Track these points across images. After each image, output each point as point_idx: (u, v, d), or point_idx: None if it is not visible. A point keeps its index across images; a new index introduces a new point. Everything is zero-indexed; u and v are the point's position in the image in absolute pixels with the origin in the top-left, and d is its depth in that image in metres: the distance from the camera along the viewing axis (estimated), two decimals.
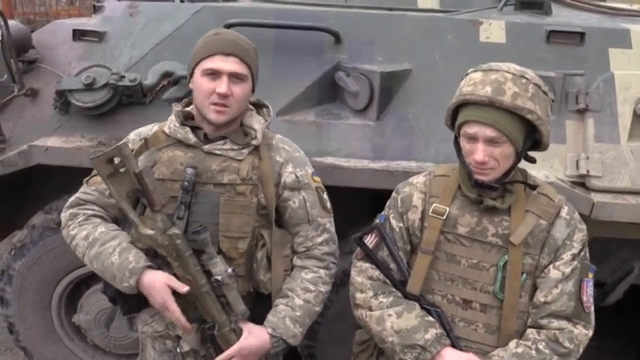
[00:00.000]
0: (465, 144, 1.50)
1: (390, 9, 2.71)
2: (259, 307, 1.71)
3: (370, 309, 1.60)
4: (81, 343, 2.81)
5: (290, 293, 1.70)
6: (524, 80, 1.43)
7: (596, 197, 2.22)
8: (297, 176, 1.71)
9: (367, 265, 1.64)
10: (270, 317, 1.68)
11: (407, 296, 1.59)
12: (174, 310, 1.58)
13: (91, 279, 2.68)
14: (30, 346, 2.81)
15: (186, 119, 1.71)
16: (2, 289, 2.68)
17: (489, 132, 1.43)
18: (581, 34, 2.44)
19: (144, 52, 2.52)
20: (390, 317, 1.55)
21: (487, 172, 1.48)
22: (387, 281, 1.62)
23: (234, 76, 1.60)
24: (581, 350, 1.50)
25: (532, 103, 1.42)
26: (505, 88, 1.41)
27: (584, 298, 1.51)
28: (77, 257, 2.49)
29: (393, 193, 1.70)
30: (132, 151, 1.62)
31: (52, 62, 2.63)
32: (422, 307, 1.57)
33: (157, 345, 1.78)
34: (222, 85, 1.57)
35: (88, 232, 1.66)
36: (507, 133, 1.43)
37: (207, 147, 1.65)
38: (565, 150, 2.33)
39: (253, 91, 1.71)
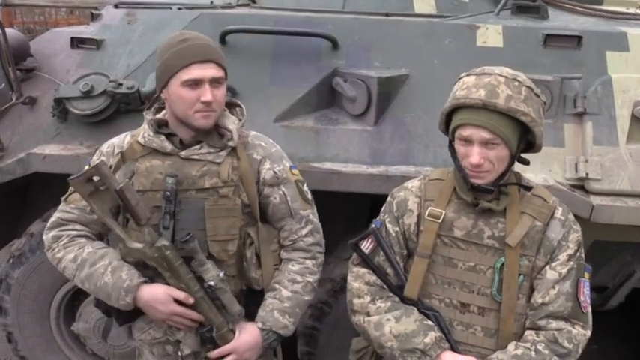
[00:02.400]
0: (459, 147, 1.51)
1: (387, 14, 2.71)
2: (252, 302, 1.73)
3: (368, 314, 1.59)
4: (80, 351, 2.80)
5: (277, 286, 1.72)
6: (516, 83, 1.44)
7: (596, 200, 2.21)
8: (275, 172, 1.72)
9: (364, 270, 1.64)
10: (259, 312, 1.71)
11: (404, 301, 1.59)
12: (184, 312, 1.61)
13: None
14: (29, 355, 2.79)
15: (160, 127, 1.69)
16: (1, 297, 2.67)
17: (484, 134, 1.43)
18: (578, 38, 2.44)
19: (142, 60, 2.52)
20: (388, 322, 1.54)
21: (482, 175, 1.48)
22: (385, 286, 1.62)
23: (215, 81, 1.60)
24: (579, 351, 1.50)
25: (525, 105, 1.43)
26: (498, 91, 1.42)
27: (582, 298, 1.51)
28: None
29: (389, 198, 1.71)
30: (110, 167, 1.62)
31: (50, 70, 2.64)
32: (420, 312, 1.57)
33: (155, 350, 1.79)
34: (206, 94, 1.57)
35: (76, 254, 1.66)
36: (502, 135, 1.43)
37: (184, 153, 1.64)
38: (564, 153, 2.33)
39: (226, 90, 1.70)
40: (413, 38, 2.51)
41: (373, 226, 1.67)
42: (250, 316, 1.72)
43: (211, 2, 2.99)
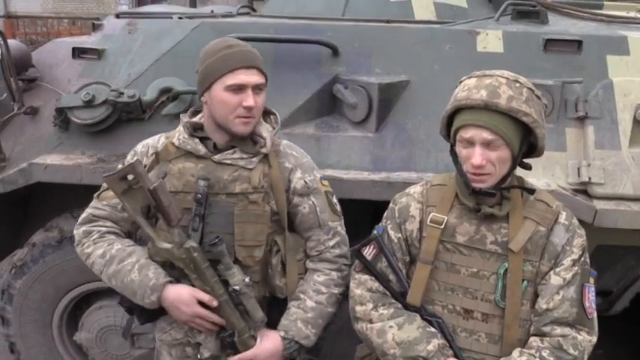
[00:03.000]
0: (461, 150, 1.50)
1: (387, 21, 2.72)
2: (275, 310, 1.74)
3: (370, 321, 1.58)
4: None
5: (302, 296, 1.72)
6: (517, 84, 1.44)
7: (599, 204, 2.20)
8: (306, 182, 1.73)
9: (366, 277, 1.63)
10: (282, 320, 1.71)
11: (407, 307, 1.58)
12: (207, 314, 1.62)
13: (91, 297, 2.67)
14: None
15: (195, 130, 1.72)
16: (3, 308, 2.67)
17: (486, 135, 1.43)
18: (579, 42, 2.44)
19: (143, 69, 2.53)
20: (391, 329, 1.53)
21: (484, 178, 1.47)
22: (387, 293, 1.61)
23: (257, 87, 1.62)
24: (585, 357, 1.48)
25: (527, 106, 1.43)
26: (500, 92, 1.42)
27: (587, 304, 1.49)
28: (77, 275, 2.53)
29: (391, 204, 1.70)
30: (144, 167, 1.64)
31: (51, 80, 2.64)
32: (423, 318, 1.55)
33: (173, 352, 1.79)
34: (249, 99, 1.59)
35: (105, 250, 1.68)
36: (504, 136, 1.43)
37: (217, 157, 1.66)
38: (566, 157, 2.32)
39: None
40: (413, 44, 2.51)
41: (375, 232, 1.66)
42: (272, 324, 1.72)
43: (212, 11, 3.00)
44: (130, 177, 1.57)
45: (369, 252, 1.63)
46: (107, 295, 2.59)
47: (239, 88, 1.59)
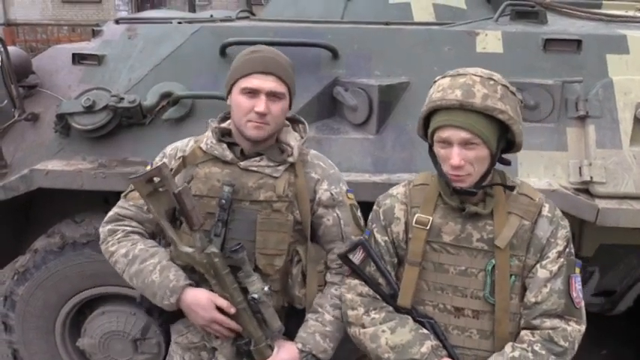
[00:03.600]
0: (439, 150, 1.50)
1: (387, 23, 2.72)
2: (293, 321, 1.73)
3: (363, 326, 1.58)
4: None
5: (320, 309, 1.71)
6: (492, 82, 1.45)
7: (601, 203, 2.20)
8: (332, 194, 1.73)
9: (356, 281, 1.63)
10: (300, 332, 1.70)
11: (398, 310, 1.58)
12: (224, 320, 1.61)
13: (94, 302, 2.66)
14: None
15: (223, 135, 1.72)
16: (5, 315, 2.66)
17: (463, 134, 1.43)
18: (578, 42, 2.44)
19: (143, 74, 2.53)
20: (384, 333, 1.54)
21: (463, 178, 1.48)
22: (377, 296, 1.61)
23: (273, 95, 1.61)
24: (576, 347, 1.50)
25: (502, 104, 1.44)
26: (475, 91, 1.42)
27: (574, 294, 1.51)
28: (80, 281, 2.52)
29: (375, 207, 1.70)
30: (170, 170, 1.65)
31: (52, 87, 2.65)
32: (414, 320, 1.56)
33: (187, 356, 1.79)
34: (260, 105, 1.59)
35: (128, 250, 1.69)
36: (480, 135, 1.43)
37: (243, 163, 1.67)
38: (567, 157, 2.32)
39: (290, 107, 1.73)
40: (412, 46, 2.51)
41: (361, 236, 1.66)
42: (289, 334, 1.71)
43: (211, 15, 3.01)
44: (156, 180, 1.59)
45: (356, 257, 1.62)
46: (110, 300, 2.59)
47: (252, 92, 1.60)
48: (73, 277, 2.54)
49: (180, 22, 2.74)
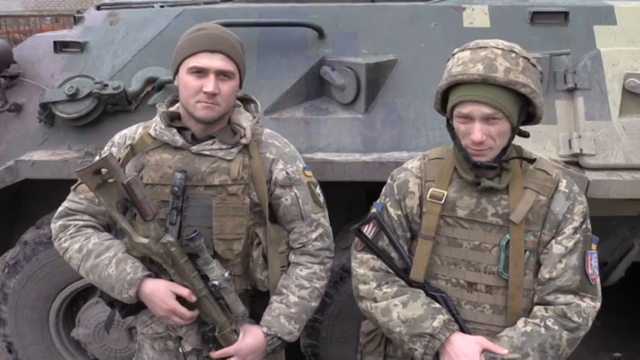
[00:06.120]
0: (459, 126, 1.47)
1: (372, 0, 2.69)
2: (258, 304, 1.71)
3: (375, 300, 1.57)
4: (81, 357, 2.78)
5: (284, 291, 1.69)
6: (513, 55, 1.41)
7: (591, 175, 2.20)
8: (288, 173, 1.69)
9: (368, 256, 1.61)
10: (265, 316, 1.68)
11: (411, 284, 1.57)
12: (184, 313, 1.58)
13: (87, 292, 2.65)
14: None
15: (172, 120, 1.66)
16: None
17: (485, 110, 1.40)
18: (565, 14, 2.43)
19: (126, 60, 2.49)
20: (395, 307, 1.53)
21: (485, 152, 1.45)
22: (390, 271, 1.60)
23: (222, 74, 1.55)
24: (589, 323, 1.48)
25: (524, 77, 1.40)
26: (497, 64, 1.39)
27: (590, 271, 1.49)
28: (72, 271, 2.49)
29: (389, 180, 1.67)
30: (119, 160, 1.60)
31: (34, 76, 2.60)
32: (427, 294, 1.55)
33: (156, 345, 1.77)
34: (209, 84, 1.53)
35: (82, 245, 1.64)
36: (503, 110, 1.40)
37: (195, 148, 1.61)
38: (557, 130, 2.31)
39: (241, 86, 1.67)
40: (399, 23, 2.48)
41: (374, 210, 1.64)
42: (255, 317, 1.70)
43: None
44: (104, 171, 1.52)
45: (369, 230, 1.60)
46: None
47: (200, 72, 1.54)
48: (65, 268, 2.49)
49: (162, 6, 2.69)
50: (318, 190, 1.76)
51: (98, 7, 2.80)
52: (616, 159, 2.24)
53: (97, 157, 1.61)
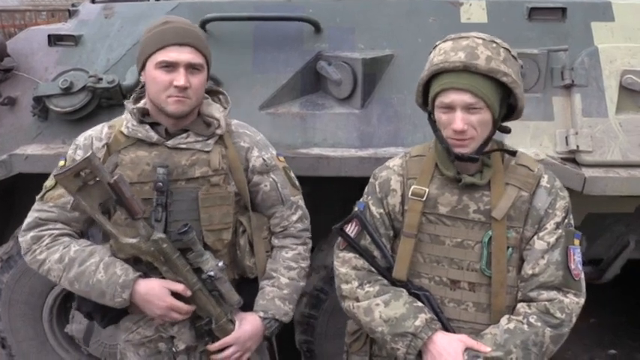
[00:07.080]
0: (440, 116, 1.46)
1: None
2: (245, 291, 1.70)
3: (357, 300, 1.56)
4: (75, 352, 2.76)
5: (274, 274, 1.72)
6: (494, 44, 1.42)
7: (588, 172, 2.20)
8: (264, 160, 1.72)
9: (351, 254, 1.61)
10: (259, 301, 1.70)
11: (394, 283, 1.56)
12: (181, 307, 1.57)
13: None
14: None
15: (143, 116, 1.64)
16: None
17: (467, 98, 1.40)
18: (563, 10, 2.42)
19: (121, 54, 2.47)
20: (377, 307, 1.51)
21: (466, 142, 1.44)
22: (372, 269, 1.59)
23: (191, 67, 1.54)
24: (573, 319, 1.47)
25: (505, 66, 1.41)
26: (478, 52, 1.39)
27: (572, 266, 1.48)
28: None
29: (371, 179, 1.67)
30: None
31: (28, 69, 2.58)
32: (410, 293, 1.54)
33: (141, 351, 1.73)
34: (180, 78, 1.51)
35: (62, 254, 1.58)
36: (485, 98, 1.40)
37: (170, 142, 1.60)
38: (554, 127, 2.31)
39: (207, 79, 1.65)
40: (396, 18, 2.47)
41: (356, 208, 1.64)
42: (243, 305, 1.68)
43: None
44: (84, 173, 1.47)
45: (351, 229, 1.60)
46: None
47: (169, 66, 1.51)
48: None
49: (157, 0, 2.67)
50: (292, 174, 1.81)
51: (93, 1, 2.79)
52: (613, 156, 2.24)
53: (62, 162, 1.58)
